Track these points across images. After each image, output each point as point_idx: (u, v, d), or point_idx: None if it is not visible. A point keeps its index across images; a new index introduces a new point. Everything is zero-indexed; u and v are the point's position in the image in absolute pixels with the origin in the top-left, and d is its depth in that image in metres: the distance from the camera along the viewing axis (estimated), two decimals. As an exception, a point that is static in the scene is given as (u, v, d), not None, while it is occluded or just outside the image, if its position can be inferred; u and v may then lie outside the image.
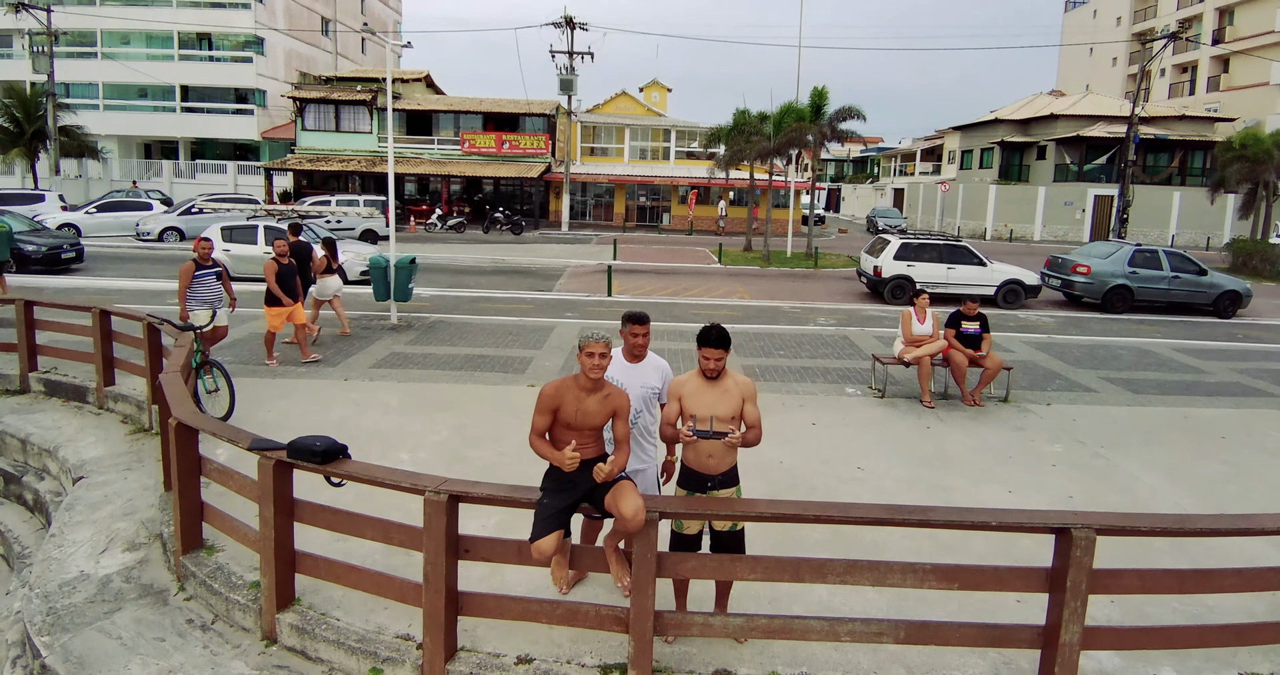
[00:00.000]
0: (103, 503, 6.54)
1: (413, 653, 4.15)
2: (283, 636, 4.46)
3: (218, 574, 4.95)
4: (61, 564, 5.57)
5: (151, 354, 8.17)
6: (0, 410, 8.99)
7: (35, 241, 18.23)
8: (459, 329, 12.75)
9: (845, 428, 8.19)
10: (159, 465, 7.32)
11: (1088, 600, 3.80)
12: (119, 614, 4.91)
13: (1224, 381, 10.87)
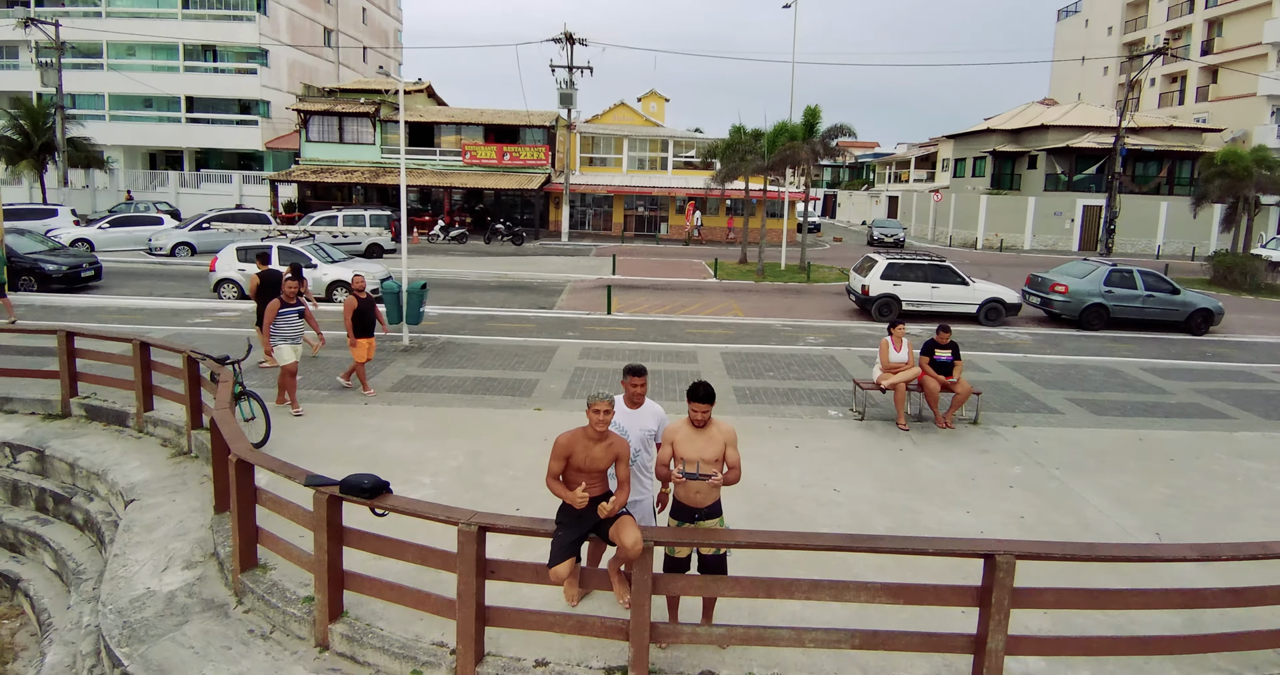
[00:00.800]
0: (157, 524, 7.32)
1: (447, 658, 4.94)
2: (334, 644, 5.24)
3: (273, 590, 5.74)
4: (129, 581, 6.34)
5: (191, 383, 8.96)
6: (45, 435, 9.76)
7: (55, 261, 18.98)
8: (467, 351, 13.53)
9: (826, 452, 8.98)
10: (203, 488, 8.11)
11: (1010, 614, 4.59)
12: (187, 626, 5.69)
13: (1183, 402, 11.68)
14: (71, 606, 7.41)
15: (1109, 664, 5.07)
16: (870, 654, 4.93)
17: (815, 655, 4.97)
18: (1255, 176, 25.56)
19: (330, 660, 5.19)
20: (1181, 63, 50.57)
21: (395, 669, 5.00)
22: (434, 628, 5.18)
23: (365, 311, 10.55)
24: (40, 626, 7.90)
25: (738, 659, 4.99)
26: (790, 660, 4.96)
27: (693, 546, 5.02)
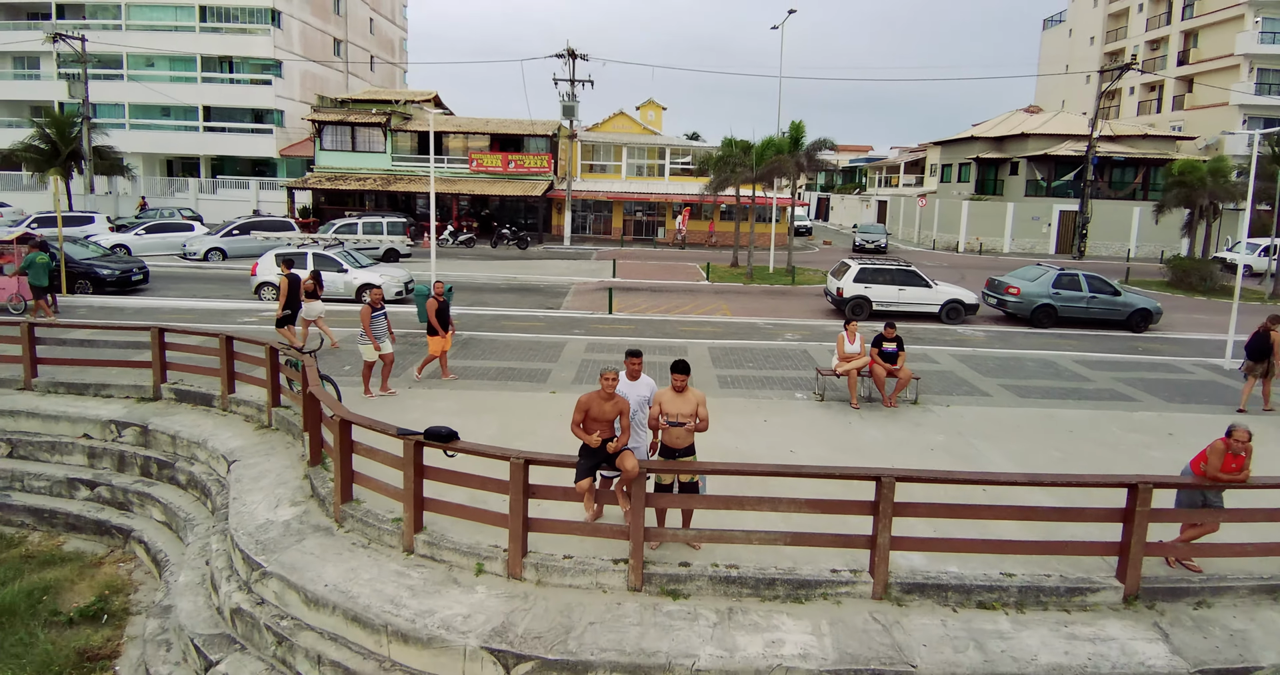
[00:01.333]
0: (261, 477, 9.39)
1: (501, 554, 7.01)
2: (418, 549, 7.32)
3: (367, 515, 7.82)
4: (250, 515, 8.41)
5: (271, 370, 11.03)
6: (145, 413, 11.83)
7: (109, 266, 21.04)
8: (488, 345, 15.60)
9: (789, 426, 11.05)
10: (289, 451, 10.18)
11: (893, 521, 6.67)
12: (305, 541, 7.77)
13: (1101, 388, 13.77)
14: (191, 543, 9.47)
15: (972, 560, 7.15)
16: (799, 549, 7.00)
17: (760, 550, 7.04)
18: (1209, 186, 27.66)
19: (416, 560, 7.26)
20: (1159, 73, 52.74)
21: (463, 563, 7.08)
22: (490, 536, 7.24)
23: (444, 310, 12.61)
24: (157, 564, 9.96)
25: (705, 554, 7.07)
26: (743, 555, 7.03)
27: (674, 474, 7.10)
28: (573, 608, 6.54)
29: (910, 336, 17.72)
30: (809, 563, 6.99)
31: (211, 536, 8.97)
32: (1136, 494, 6.73)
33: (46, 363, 12.68)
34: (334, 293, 19.97)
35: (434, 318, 12.53)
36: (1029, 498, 7.99)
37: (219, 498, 9.73)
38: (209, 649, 7.21)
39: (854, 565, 6.97)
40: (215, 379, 12.02)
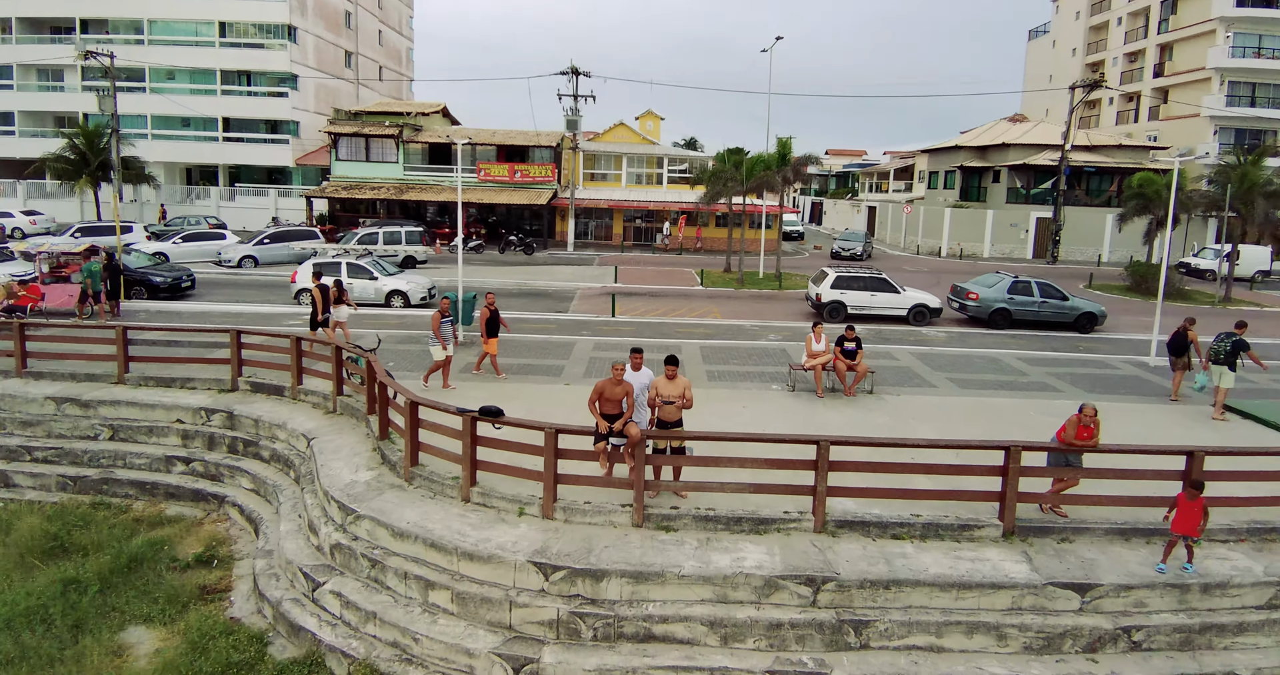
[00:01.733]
0: (338, 450, 11.75)
1: (537, 501, 9.39)
2: (473, 499, 9.69)
3: (432, 476, 10.19)
4: (336, 477, 10.77)
5: (336, 365, 13.39)
6: (228, 402, 14.17)
7: (162, 274, 23.41)
8: (507, 345, 17.93)
9: (763, 412, 13.40)
10: (355, 430, 12.53)
11: (829, 475, 9.04)
12: (385, 494, 10.13)
13: (1034, 381, 16.14)
14: (282, 502, 11.82)
15: (891, 504, 9.51)
16: (760, 496, 9.37)
17: (731, 497, 9.41)
18: (1164, 199, 30.00)
19: (472, 507, 9.63)
20: (1137, 84, 55.18)
21: (509, 507, 9.46)
22: (528, 488, 9.60)
23: (494, 318, 14.90)
24: (250, 521, 12.31)
25: (690, 501, 9.45)
26: (718, 501, 9.41)
27: (667, 441, 9.47)
28: (592, 537, 8.92)
29: (879, 337, 20.17)
30: (767, 506, 9.37)
31: (305, 495, 11.33)
32: (1009, 455, 9.11)
33: (138, 360, 15.02)
34: (365, 298, 22.37)
35: (484, 324, 14.82)
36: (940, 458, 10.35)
37: (302, 467, 12.11)
38: (315, 574, 9.58)
39: (801, 508, 9.33)
40: (284, 372, 14.39)
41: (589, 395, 9.43)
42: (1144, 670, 8.17)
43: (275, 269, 29.66)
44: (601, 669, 7.90)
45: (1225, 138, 48.00)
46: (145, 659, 9.25)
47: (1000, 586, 8.42)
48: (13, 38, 49.90)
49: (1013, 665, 8.09)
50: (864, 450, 9.69)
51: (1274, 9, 47.27)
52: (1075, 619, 8.39)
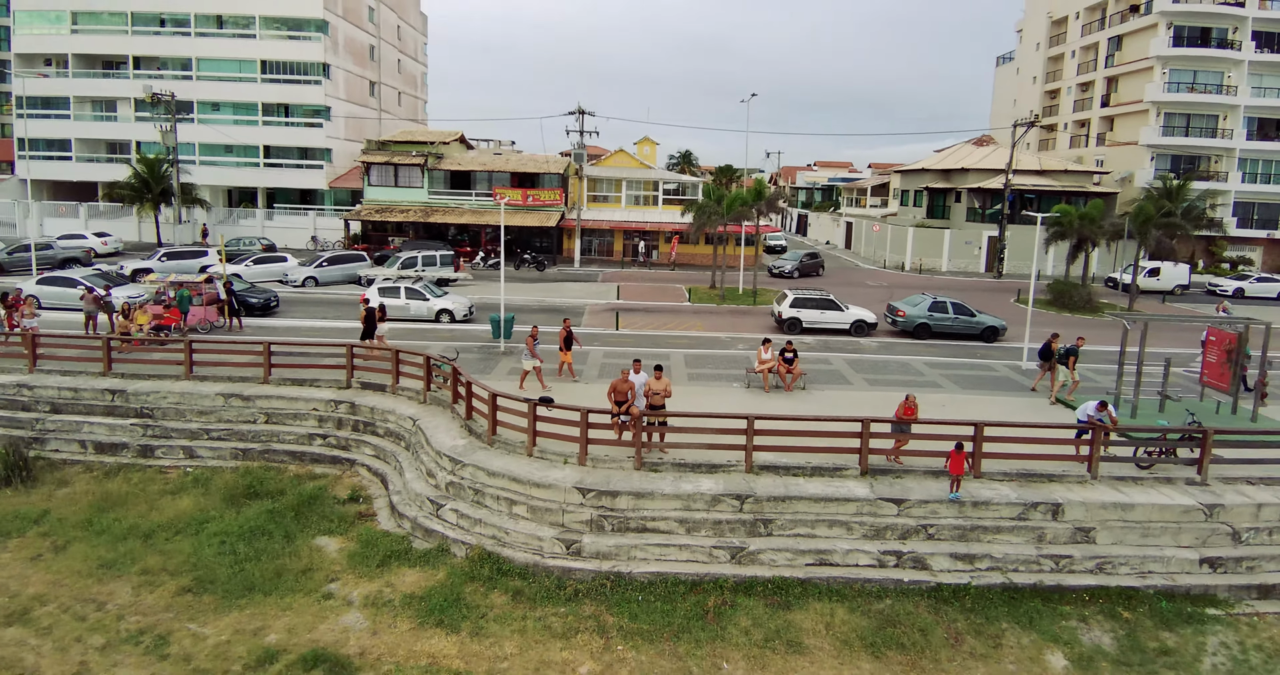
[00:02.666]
0: (436, 427, 17.70)
1: (574, 455, 15.39)
2: (534, 455, 15.70)
3: (507, 440, 16.19)
4: (442, 442, 16.73)
5: (426, 370, 19.34)
6: (348, 395, 20.08)
7: (256, 295, 29.29)
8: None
9: (725, 402, 19.34)
10: (444, 414, 18.46)
11: (755, 438, 15.03)
12: (476, 453, 16.10)
13: (928, 380, 22.11)
14: (402, 460, 17.75)
15: (794, 456, 15.49)
16: (713, 451, 15.35)
17: (695, 452, 15.40)
18: (1075, 227, 36.05)
19: (534, 458, 15.61)
20: (1089, 111, 61.27)
21: (557, 459, 15.45)
22: (568, 448, 15.57)
23: (569, 337, 20.74)
24: (377, 475, 18.24)
25: (670, 455, 15.45)
26: (686, 455, 15.40)
27: (655, 418, 15.48)
28: (609, 475, 14.89)
29: (825, 346, 26.20)
30: (717, 457, 15.35)
31: (420, 456, 17.27)
32: (864, 426, 15.09)
33: (279, 366, 20.96)
34: (419, 315, 28.35)
35: (562, 339, 20.67)
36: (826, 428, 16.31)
37: (411, 439, 18.06)
38: (437, 500, 15.53)
39: (738, 458, 15.31)
40: (385, 375, 20.34)
41: (606, 390, 15.39)
42: (933, 549, 14.14)
43: (334, 288, 35.63)
44: (617, 546, 13.87)
45: (1161, 164, 54.02)
46: (335, 552, 15.19)
47: (850, 500, 14.41)
48: (69, 72, 55.74)
49: (855, 544, 14.07)
50: (776, 423, 15.67)
51: (1206, 49, 53.33)
52: (893, 520, 14.38)
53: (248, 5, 53.51)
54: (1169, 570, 14.12)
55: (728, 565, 13.80)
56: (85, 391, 20.18)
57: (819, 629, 12.73)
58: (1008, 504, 14.69)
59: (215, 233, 52.36)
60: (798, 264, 46.45)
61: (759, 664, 12.02)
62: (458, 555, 14.59)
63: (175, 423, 19.62)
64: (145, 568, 14.53)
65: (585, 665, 11.92)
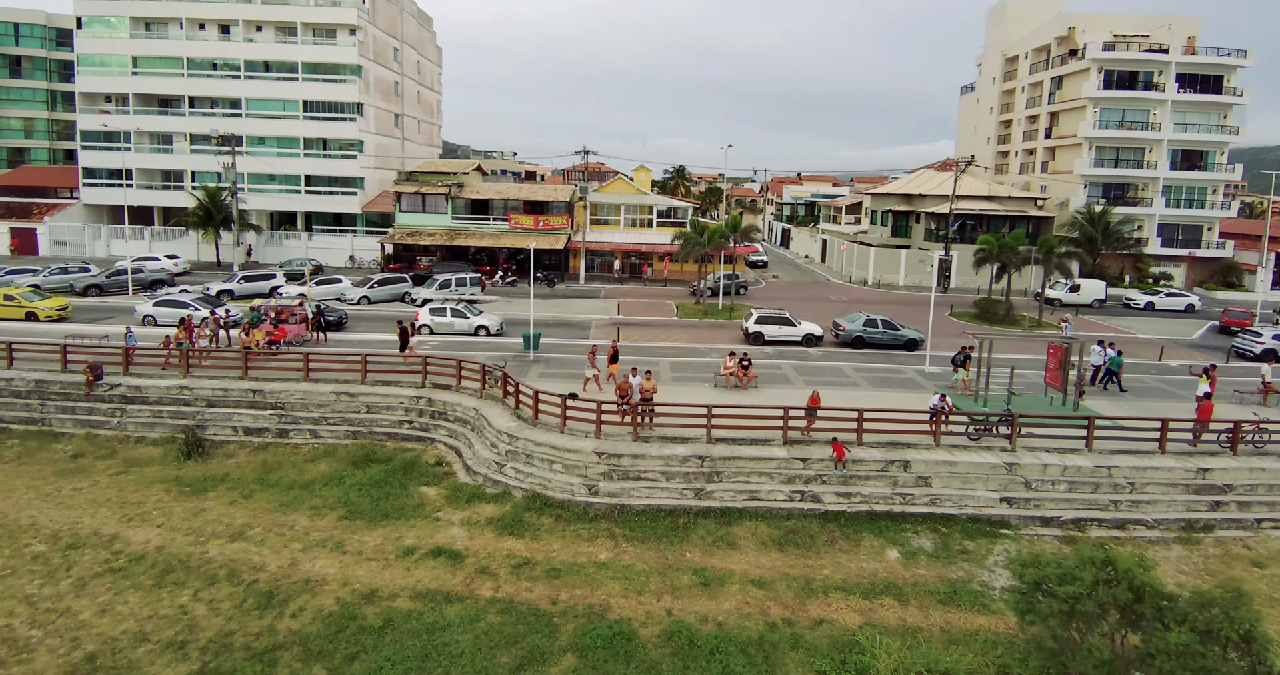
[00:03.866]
0: (492, 415, 25.58)
1: (592, 431, 23.29)
2: (565, 431, 23.60)
3: (546, 422, 24.10)
4: (501, 425, 24.64)
5: (481, 374, 27.21)
6: (426, 393, 27.91)
7: (333, 313, 37.03)
8: (560, 361, 31.77)
9: (697, 395, 27.20)
10: (498, 406, 26.33)
11: (714, 417, 22.93)
12: (525, 431, 24.00)
13: (850, 380, 29.99)
14: (470, 438, 25.58)
15: (739, 432, 23.36)
16: (688, 428, 23.25)
17: (673, 430, 23.28)
18: (999, 254, 43.93)
19: (566, 434, 23.48)
20: (1035, 142, 69.27)
21: (580, 433, 23.33)
22: (588, 427, 23.43)
23: (617, 352, 28.52)
24: (451, 449, 26.10)
25: (657, 432, 23.33)
26: (669, 431, 23.27)
27: (646, 406, 23.38)
28: (616, 444, 22.78)
29: (780, 355, 34.10)
30: (688, 432, 23.24)
31: (485, 434, 25.12)
32: (785, 412, 22.99)
33: (372, 371, 28.76)
34: (461, 331, 36.14)
35: (610, 355, 28.41)
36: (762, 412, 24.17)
37: (475, 422, 25.90)
38: (500, 461, 23.40)
39: (701, 433, 23.19)
40: (450, 377, 28.17)
41: (613, 388, 23.24)
42: (824, 490, 22.01)
43: (384, 306, 43.47)
44: (621, 488, 21.75)
45: (1094, 191, 62.05)
46: (434, 495, 23.03)
47: (773, 459, 22.31)
48: (130, 109, 63.44)
49: (774, 487, 21.95)
50: (728, 410, 23.56)
51: (1133, 90, 61.34)
52: (800, 471, 22.27)
53: (292, 52, 61.36)
54: (978, 505, 22.02)
55: (692, 500, 21.67)
56: (233, 390, 28.01)
57: (748, 536, 20.61)
58: (875, 461, 22.57)
59: (261, 253, 60.41)
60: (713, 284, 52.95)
61: (709, 554, 19.88)
62: (516, 496, 22.43)
63: (301, 412, 27.47)
64: (311, 506, 22.37)
65: (603, 554, 19.77)
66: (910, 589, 18.75)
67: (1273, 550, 21.54)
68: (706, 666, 15.85)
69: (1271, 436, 24.24)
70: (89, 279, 45.02)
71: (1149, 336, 42.42)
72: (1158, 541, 21.35)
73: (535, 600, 17.92)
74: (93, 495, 23.06)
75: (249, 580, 18.72)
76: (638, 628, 17.00)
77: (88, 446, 26.25)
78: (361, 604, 17.75)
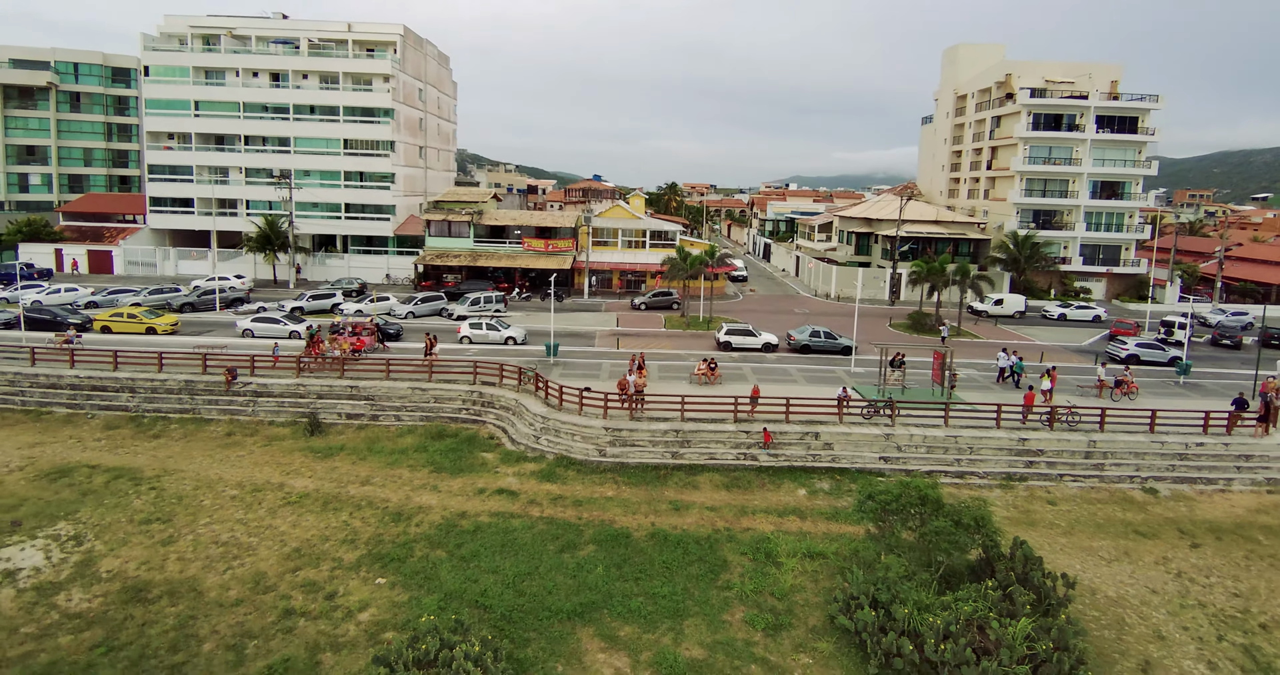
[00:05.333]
0: (529, 403, 36.13)
1: (602, 413, 33.85)
2: (582, 413, 34.16)
3: (568, 407, 34.63)
4: (536, 410, 35.19)
5: (518, 374, 37.72)
6: (476, 388, 38.40)
7: (393, 324, 47.45)
8: (574, 365, 42.26)
9: (678, 389, 37.72)
10: (532, 397, 36.85)
11: (686, 403, 33.51)
12: (554, 414, 34.53)
13: (790, 377, 40.55)
14: (513, 421, 36.06)
15: (705, 413, 33.90)
16: (665, 411, 33.81)
17: (657, 412, 33.83)
18: (927, 275, 54.50)
19: (583, 415, 34.00)
20: (980, 172, 79.98)
21: (593, 415, 33.87)
22: (598, 410, 33.94)
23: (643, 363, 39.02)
24: (500, 427, 36.62)
25: (646, 414, 33.89)
26: (653, 413, 33.82)
27: (639, 396, 33.95)
28: (618, 422, 33.30)
29: (744, 359, 44.74)
30: (668, 414, 33.78)
31: (523, 415, 35.61)
32: (735, 400, 33.56)
33: (437, 372, 39.23)
34: (494, 341, 46.63)
35: (641, 362, 38.88)
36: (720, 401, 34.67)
37: (516, 408, 36.40)
38: (537, 435, 33.90)
39: (677, 414, 33.71)
40: (494, 376, 38.66)
41: (615, 384, 33.75)
42: (761, 454, 32.54)
43: (427, 320, 53.90)
44: (621, 452, 32.27)
45: (1025, 217, 72.76)
46: (492, 458, 33.53)
47: (727, 431, 32.84)
48: (192, 146, 73.77)
49: (726, 450, 32.47)
50: (696, 399, 34.12)
51: (1057, 131, 72.04)
52: (745, 440, 32.81)
53: (334, 98, 71.81)
54: (864, 462, 32.55)
55: (669, 459, 32.19)
56: (335, 387, 38.42)
57: (706, 482, 31.11)
58: (796, 433, 33.11)
59: (309, 272, 70.74)
60: (648, 300, 61.73)
61: (679, 492, 30.37)
62: (549, 458, 32.91)
63: (386, 402, 37.91)
64: (409, 464, 32.84)
65: (609, 492, 30.26)
66: (809, 512, 29.29)
67: (1066, 494, 32.10)
68: (674, 550, 26.35)
69: (1082, 418, 34.79)
70: (183, 298, 55.34)
71: (1047, 343, 53.14)
72: (985, 487, 31.91)
73: (567, 517, 28.40)
74: (253, 459, 33.47)
75: (381, 507, 29.17)
76: (632, 531, 27.49)
77: (234, 428, 36.63)
78: (457, 519, 28.22)
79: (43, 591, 23.89)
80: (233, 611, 23.10)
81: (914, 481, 25.37)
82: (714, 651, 21.90)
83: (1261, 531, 29.94)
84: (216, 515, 28.54)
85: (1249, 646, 23.69)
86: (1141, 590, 25.69)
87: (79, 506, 28.87)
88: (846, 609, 22.68)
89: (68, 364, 39.82)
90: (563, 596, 23.83)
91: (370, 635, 22.12)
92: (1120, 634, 23.68)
